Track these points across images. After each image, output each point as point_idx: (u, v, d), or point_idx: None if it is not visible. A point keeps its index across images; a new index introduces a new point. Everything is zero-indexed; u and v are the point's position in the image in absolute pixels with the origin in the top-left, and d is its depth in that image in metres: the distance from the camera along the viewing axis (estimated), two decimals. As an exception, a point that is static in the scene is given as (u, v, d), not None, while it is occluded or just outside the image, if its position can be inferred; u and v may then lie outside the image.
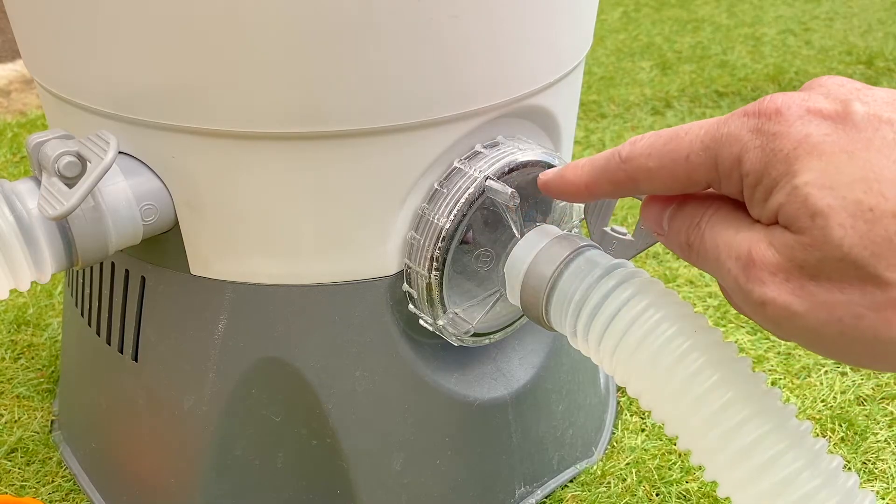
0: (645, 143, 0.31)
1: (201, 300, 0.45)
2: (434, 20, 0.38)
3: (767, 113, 0.27)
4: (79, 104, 0.42)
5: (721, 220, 0.29)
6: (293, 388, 0.46)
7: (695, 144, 0.29)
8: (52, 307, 0.75)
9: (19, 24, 0.44)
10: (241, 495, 0.48)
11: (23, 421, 0.62)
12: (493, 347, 0.51)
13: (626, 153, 0.31)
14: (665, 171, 0.30)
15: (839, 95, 0.27)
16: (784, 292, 0.26)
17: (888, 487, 0.56)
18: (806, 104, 0.26)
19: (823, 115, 0.26)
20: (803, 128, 0.26)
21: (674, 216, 0.32)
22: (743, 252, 0.27)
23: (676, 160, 0.29)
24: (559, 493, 0.56)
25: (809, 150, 0.25)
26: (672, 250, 0.32)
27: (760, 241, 0.27)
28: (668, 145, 0.30)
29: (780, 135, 0.26)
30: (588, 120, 1.15)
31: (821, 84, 0.28)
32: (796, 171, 0.25)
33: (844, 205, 0.24)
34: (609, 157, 0.33)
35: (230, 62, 0.37)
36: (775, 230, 0.26)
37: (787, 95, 0.27)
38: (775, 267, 0.26)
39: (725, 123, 0.28)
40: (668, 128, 0.31)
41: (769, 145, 0.26)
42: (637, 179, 0.31)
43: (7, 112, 1.19)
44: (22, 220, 0.39)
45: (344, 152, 0.40)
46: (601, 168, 0.33)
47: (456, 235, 0.42)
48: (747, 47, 1.41)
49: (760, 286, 0.26)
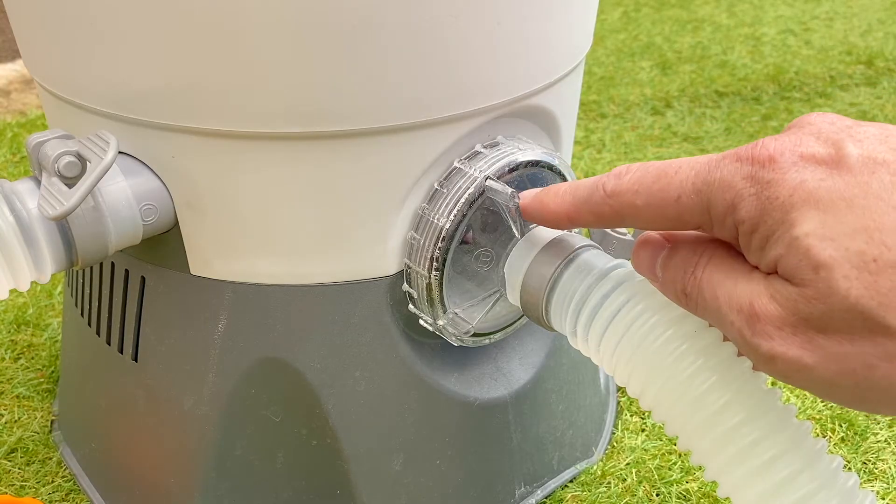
0: (632, 178, 0.30)
1: (201, 300, 0.45)
2: (434, 20, 0.38)
3: (761, 160, 0.26)
4: (79, 104, 0.42)
5: (717, 268, 0.29)
6: (293, 388, 0.46)
7: (686, 186, 0.28)
8: (52, 307, 0.75)
9: (19, 24, 0.44)
10: (241, 495, 0.48)
11: (23, 421, 0.62)
12: (493, 347, 0.51)
13: (612, 188, 0.31)
14: (653, 210, 0.29)
15: (831, 136, 0.26)
16: (793, 346, 0.25)
17: (888, 487, 0.56)
18: (799, 149, 0.26)
19: (817, 160, 0.25)
20: (798, 175, 0.25)
21: (666, 265, 0.31)
22: (745, 305, 0.27)
23: (666, 200, 0.29)
24: (559, 494, 0.56)
25: (806, 199, 0.25)
26: (668, 297, 0.32)
27: (762, 293, 0.26)
28: (657, 184, 0.29)
29: (775, 182, 0.25)
30: (588, 120, 1.15)
31: (811, 123, 0.27)
32: (794, 220, 0.25)
33: (847, 256, 0.24)
34: (593, 189, 0.32)
35: (230, 62, 0.37)
36: (776, 281, 0.26)
37: (780, 140, 0.26)
38: (780, 321, 0.26)
39: (717, 167, 0.27)
40: (656, 162, 0.30)
41: (764, 193, 0.26)
42: (623, 215, 0.31)
43: (7, 112, 1.19)
44: (22, 220, 0.39)
45: (344, 152, 0.40)
46: (584, 199, 0.32)
47: (456, 235, 0.42)
48: (747, 47, 1.41)
49: (767, 340, 0.26)
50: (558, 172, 0.45)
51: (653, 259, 0.32)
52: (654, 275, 0.32)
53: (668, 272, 0.31)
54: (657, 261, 0.31)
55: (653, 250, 0.32)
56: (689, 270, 0.29)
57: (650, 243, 0.32)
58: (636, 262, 0.32)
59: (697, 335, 0.32)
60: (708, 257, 0.29)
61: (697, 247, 0.30)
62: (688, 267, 0.29)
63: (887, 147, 0.25)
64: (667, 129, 1.11)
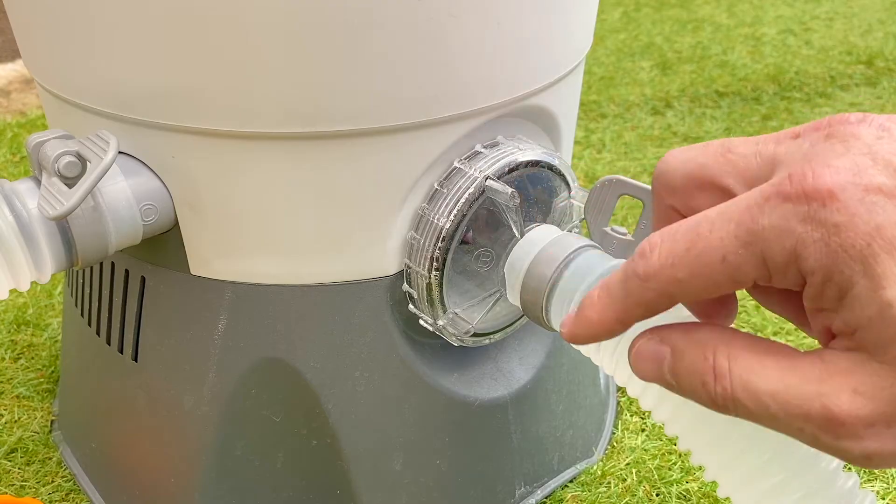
0: (663, 253, 0.25)
1: (201, 300, 0.45)
2: (434, 20, 0.38)
3: (819, 197, 0.22)
4: (79, 104, 0.42)
5: (749, 368, 0.24)
6: (293, 388, 0.46)
7: (728, 243, 0.24)
8: (52, 307, 0.75)
9: (19, 24, 0.44)
10: (241, 495, 0.48)
11: (23, 421, 0.62)
12: (493, 347, 0.51)
13: (644, 270, 0.26)
14: (700, 280, 0.25)
15: (891, 160, 0.22)
16: (889, 440, 0.22)
17: (888, 487, 0.56)
18: (862, 181, 0.22)
19: (885, 193, 0.22)
20: (870, 216, 0.21)
21: (677, 371, 0.26)
22: (815, 410, 0.23)
23: (711, 265, 0.24)
24: (559, 493, 0.56)
25: (889, 249, 0.21)
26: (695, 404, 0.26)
27: (838, 390, 0.23)
28: (694, 249, 0.24)
29: (845, 227, 0.22)
30: (588, 120, 1.15)
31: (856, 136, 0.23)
32: (879, 277, 0.21)
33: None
34: (625, 282, 0.27)
35: (230, 62, 0.37)
36: (857, 370, 0.22)
37: (834, 169, 0.22)
38: (872, 418, 0.22)
39: (763, 212, 0.23)
40: (681, 224, 0.25)
41: (834, 239, 0.22)
42: (671, 294, 0.26)
43: (7, 112, 1.19)
44: (22, 220, 0.39)
45: (344, 152, 0.40)
46: (623, 297, 0.27)
47: (456, 235, 0.42)
48: (747, 47, 1.41)
49: (859, 442, 0.23)
50: (558, 172, 0.45)
51: (657, 368, 0.27)
52: (665, 381, 0.27)
53: (683, 381, 0.26)
54: (663, 367, 0.27)
55: (652, 358, 0.27)
56: (709, 381, 0.25)
57: (643, 355, 0.27)
58: (640, 371, 0.27)
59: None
60: (728, 358, 0.25)
61: (707, 347, 0.25)
62: (706, 376, 0.25)
63: None
64: (667, 129, 1.11)
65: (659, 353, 0.27)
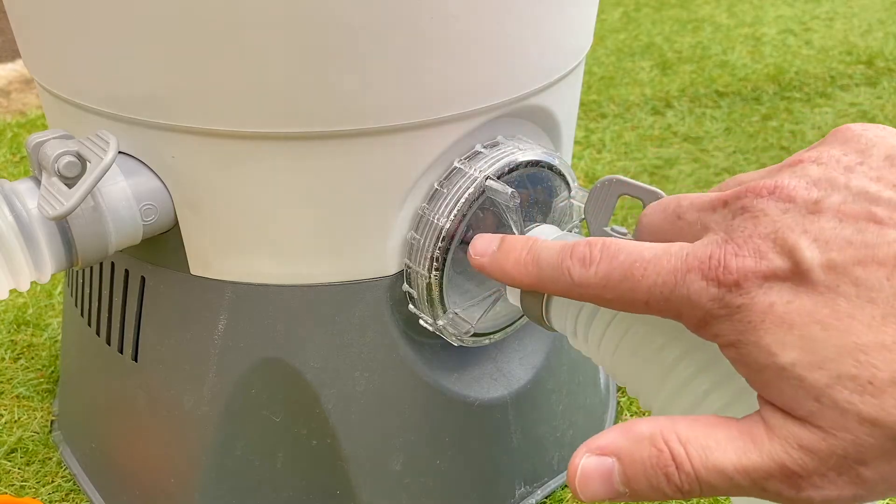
0: (599, 273, 0.29)
1: (201, 300, 0.45)
2: (434, 20, 0.38)
3: (727, 283, 0.26)
4: (79, 104, 0.42)
5: (701, 443, 0.26)
6: (293, 388, 0.46)
7: (653, 293, 0.27)
8: (52, 307, 0.75)
9: (19, 25, 0.44)
10: (241, 495, 0.48)
11: (23, 421, 0.62)
12: (493, 347, 0.51)
13: (579, 278, 0.29)
14: (623, 306, 0.29)
15: (788, 240, 0.25)
16: (844, 486, 0.24)
17: (888, 487, 0.56)
18: (760, 268, 0.25)
19: (779, 276, 0.25)
20: (765, 297, 0.25)
21: (630, 475, 0.27)
22: (774, 471, 0.25)
23: (635, 301, 0.28)
24: (559, 494, 0.56)
25: (778, 323, 0.25)
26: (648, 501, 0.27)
27: (787, 450, 0.25)
28: (625, 283, 0.28)
29: (745, 308, 0.25)
30: (588, 120, 1.15)
31: (764, 212, 0.26)
32: (772, 347, 0.25)
33: (842, 382, 0.24)
34: (558, 271, 0.30)
35: (230, 62, 0.37)
36: (793, 429, 0.25)
37: (739, 258, 0.26)
38: (823, 469, 0.24)
39: (684, 282, 0.26)
40: (622, 249, 0.29)
41: (736, 316, 0.26)
42: (594, 300, 0.30)
43: (7, 112, 1.19)
44: (22, 220, 0.39)
45: (344, 152, 0.40)
46: (550, 278, 0.31)
47: (456, 235, 0.42)
48: (747, 47, 1.41)
49: (818, 490, 0.25)
50: (558, 172, 0.45)
51: (606, 482, 0.27)
52: (617, 494, 0.27)
53: (637, 483, 0.27)
54: (613, 478, 0.27)
55: (600, 476, 0.27)
56: (672, 472, 0.26)
57: (588, 474, 0.27)
58: (589, 496, 0.28)
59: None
60: (681, 443, 0.26)
61: (656, 439, 0.26)
62: (668, 468, 0.26)
63: (842, 240, 0.25)
64: (667, 129, 1.11)
65: (605, 467, 0.27)
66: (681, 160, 1.03)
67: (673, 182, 0.98)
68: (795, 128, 1.11)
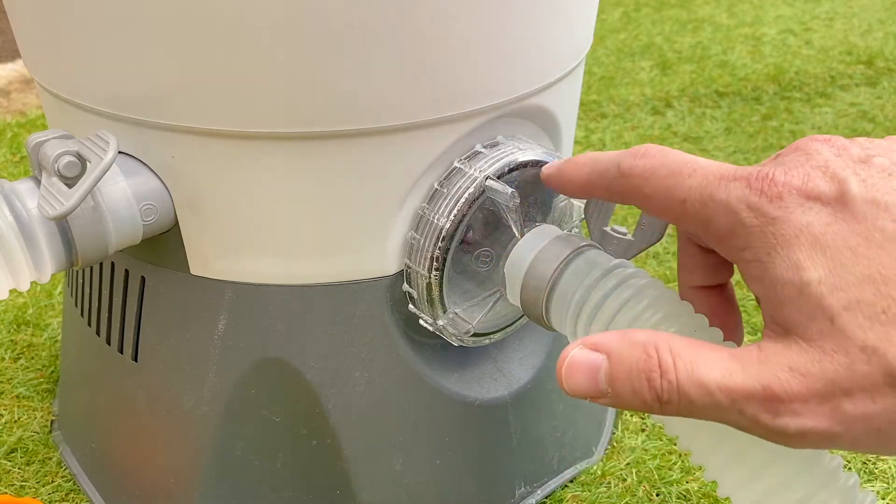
0: (648, 164, 0.30)
1: (201, 300, 0.45)
2: (434, 20, 0.38)
3: (769, 194, 0.26)
4: (79, 104, 0.42)
5: (692, 363, 0.26)
6: (293, 388, 0.46)
7: (692, 193, 0.28)
8: (52, 307, 0.75)
9: (19, 25, 0.44)
10: (241, 495, 0.48)
11: (23, 421, 0.62)
12: (493, 347, 0.51)
13: (627, 167, 0.31)
14: (658, 203, 0.30)
15: (837, 172, 0.26)
16: (822, 418, 0.25)
17: (888, 487, 0.56)
18: (806, 188, 0.26)
19: (822, 200, 0.26)
20: (804, 216, 0.26)
21: (615, 376, 0.27)
22: (756, 390, 0.25)
23: (672, 199, 0.29)
24: (559, 493, 0.56)
25: (813, 242, 0.25)
26: (626, 408, 0.28)
27: (776, 371, 0.25)
28: (669, 179, 0.29)
29: (781, 221, 0.26)
30: (588, 120, 1.15)
31: (818, 151, 0.27)
32: (801, 263, 0.25)
33: (859, 307, 0.24)
34: (610, 164, 0.32)
35: (230, 62, 0.37)
36: (789, 351, 0.25)
37: (789, 175, 0.27)
38: (807, 393, 0.25)
39: (727, 187, 0.27)
40: (678, 154, 0.30)
41: (769, 228, 0.26)
42: (632, 196, 0.31)
43: (7, 112, 1.19)
44: (22, 220, 0.39)
45: (344, 152, 0.40)
46: (600, 173, 0.33)
47: (456, 235, 0.42)
48: (747, 47, 1.41)
49: (795, 418, 0.25)
50: (558, 172, 0.45)
51: (591, 377, 0.28)
52: (598, 391, 0.28)
53: (620, 384, 0.27)
54: (598, 374, 0.28)
55: (587, 369, 0.28)
56: (655, 377, 0.26)
57: (576, 366, 0.28)
58: (571, 387, 0.28)
59: (698, 335, 0.32)
60: (671, 354, 0.27)
61: (648, 346, 0.27)
62: (652, 373, 0.27)
63: (890, 187, 0.25)
64: (667, 129, 1.11)
65: (593, 362, 0.28)
66: (681, 160, 1.03)
67: (673, 182, 0.98)
68: (795, 128, 1.11)
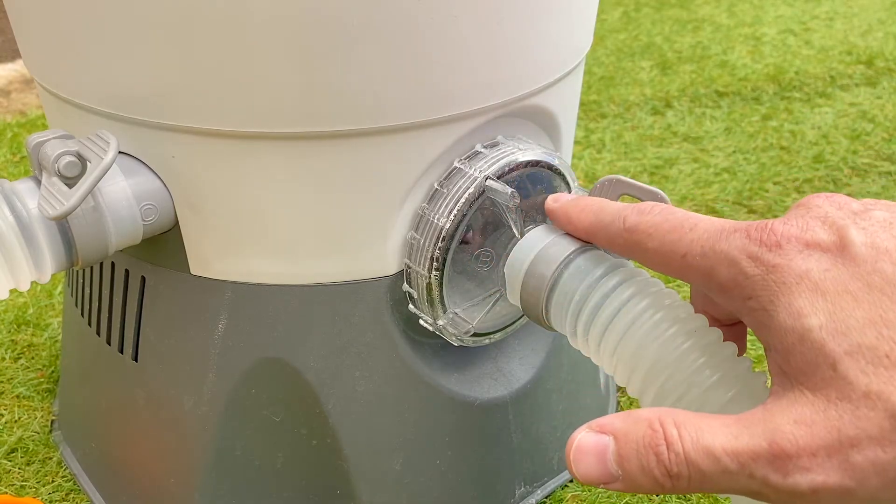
0: (650, 221, 0.31)
1: (201, 300, 0.45)
2: (434, 20, 0.38)
3: (769, 244, 0.27)
4: (79, 104, 0.42)
5: (696, 432, 0.26)
6: (293, 388, 0.46)
7: (694, 247, 0.29)
8: (52, 307, 0.75)
9: (19, 25, 0.44)
10: (241, 495, 0.48)
11: (23, 421, 0.62)
12: (493, 347, 0.51)
13: (631, 224, 0.32)
14: (661, 258, 0.31)
15: (837, 222, 0.27)
16: (833, 472, 0.24)
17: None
18: (805, 236, 0.27)
19: (822, 247, 0.26)
20: (803, 262, 0.26)
21: (624, 455, 0.27)
22: (762, 448, 0.25)
23: (674, 253, 0.30)
24: (559, 493, 0.56)
25: (812, 288, 0.25)
26: (638, 491, 0.27)
27: (781, 426, 0.25)
28: (671, 235, 0.30)
29: (780, 268, 0.26)
30: (588, 120, 1.15)
31: (818, 205, 0.28)
32: (802, 309, 0.25)
33: (861, 351, 0.24)
34: (615, 217, 0.33)
35: (230, 62, 0.37)
36: (794, 405, 0.25)
37: (787, 225, 0.27)
38: (814, 445, 0.24)
39: (727, 238, 0.28)
40: (680, 211, 0.31)
41: (770, 276, 0.26)
42: (634, 252, 0.32)
43: (7, 112, 1.19)
44: (22, 220, 0.39)
45: (344, 152, 0.40)
46: (604, 225, 0.34)
47: (456, 235, 0.42)
48: (747, 47, 1.41)
49: (805, 474, 0.24)
50: (558, 172, 0.45)
51: (600, 460, 0.28)
52: (609, 476, 0.27)
53: (629, 463, 0.27)
54: (607, 456, 0.27)
55: (595, 452, 0.28)
56: (662, 451, 0.26)
57: (584, 448, 0.28)
58: (581, 472, 0.28)
59: (697, 334, 0.32)
60: (676, 426, 0.26)
61: (652, 421, 0.27)
62: (659, 447, 0.26)
63: (890, 235, 0.26)
64: (667, 129, 1.11)
65: (600, 444, 0.28)
66: (681, 160, 1.03)
67: (673, 182, 0.98)
68: (795, 128, 1.11)
